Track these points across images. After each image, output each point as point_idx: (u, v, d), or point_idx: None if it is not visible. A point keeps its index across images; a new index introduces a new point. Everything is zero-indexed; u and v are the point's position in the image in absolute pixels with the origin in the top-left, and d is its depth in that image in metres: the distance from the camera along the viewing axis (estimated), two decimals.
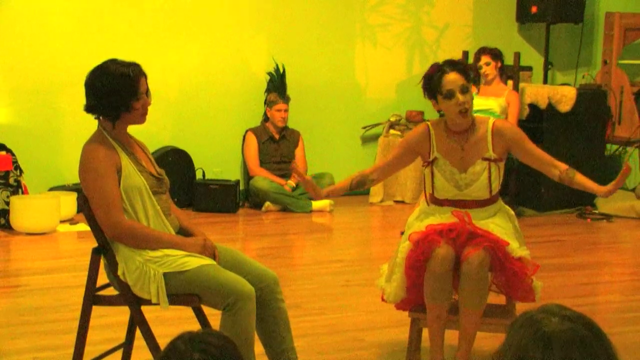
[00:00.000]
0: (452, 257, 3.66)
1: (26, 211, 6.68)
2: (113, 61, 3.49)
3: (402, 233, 3.96)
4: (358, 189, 4.00)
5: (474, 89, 7.43)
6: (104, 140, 3.47)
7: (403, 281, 3.77)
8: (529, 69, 8.45)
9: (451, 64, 3.83)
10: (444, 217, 3.80)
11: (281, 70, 7.99)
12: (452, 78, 3.77)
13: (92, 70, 3.49)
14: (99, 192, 3.39)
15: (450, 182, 3.83)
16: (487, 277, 3.69)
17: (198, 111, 7.95)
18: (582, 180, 3.83)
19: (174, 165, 7.54)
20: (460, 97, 3.76)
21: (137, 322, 3.49)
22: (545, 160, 3.87)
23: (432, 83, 3.81)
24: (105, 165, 3.40)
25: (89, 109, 3.50)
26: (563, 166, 3.84)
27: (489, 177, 3.81)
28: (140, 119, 3.51)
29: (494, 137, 3.83)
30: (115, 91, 3.42)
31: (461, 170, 3.83)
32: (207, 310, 3.64)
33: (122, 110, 3.45)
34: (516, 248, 3.70)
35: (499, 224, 3.80)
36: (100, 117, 3.51)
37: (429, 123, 3.93)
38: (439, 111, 3.86)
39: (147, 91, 3.51)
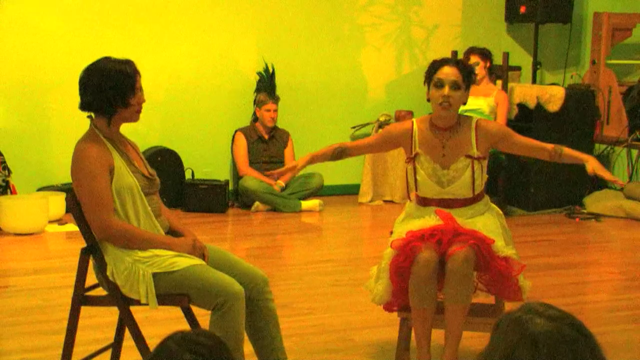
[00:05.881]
0: (435, 260, 3.67)
1: (14, 211, 6.66)
2: (108, 59, 3.51)
3: (392, 233, 3.97)
4: (335, 159, 4.14)
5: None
6: (96, 139, 3.47)
7: (389, 285, 3.78)
8: (518, 68, 8.47)
9: (457, 61, 3.93)
10: (427, 219, 3.81)
11: (270, 70, 7.99)
12: (448, 71, 3.83)
13: (87, 67, 3.50)
14: (90, 193, 3.38)
15: (432, 178, 3.85)
16: (472, 273, 3.69)
17: (187, 111, 7.95)
18: (571, 153, 3.95)
19: (163, 165, 7.53)
20: (447, 90, 3.79)
21: (126, 322, 3.48)
22: (534, 146, 3.96)
23: (431, 70, 3.89)
24: (97, 165, 3.39)
25: (84, 105, 3.50)
26: (550, 146, 3.93)
27: (472, 175, 3.83)
28: (135, 116, 3.52)
29: (478, 135, 3.86)
30: (112, 87, 3.43)
31: (444, 167, 3.84)
32: (196, 310, 3.64)
33: (118, 106, 3.45)
34: (502, 247, 3.71)
35: (485, 222, 3.81)
36: (94, 116, 3.51)
37: (414, 120, 3.98)
38: (428, 100, 3.89)
39: (141, 89, 3.52)
